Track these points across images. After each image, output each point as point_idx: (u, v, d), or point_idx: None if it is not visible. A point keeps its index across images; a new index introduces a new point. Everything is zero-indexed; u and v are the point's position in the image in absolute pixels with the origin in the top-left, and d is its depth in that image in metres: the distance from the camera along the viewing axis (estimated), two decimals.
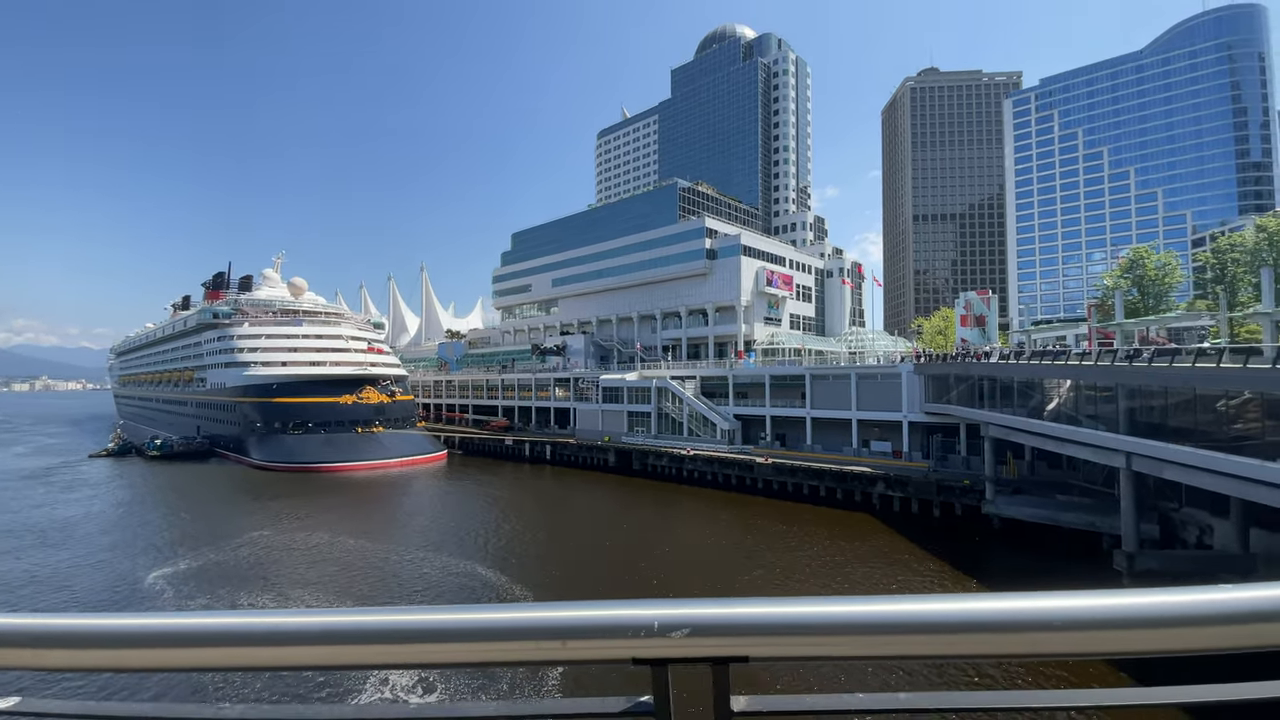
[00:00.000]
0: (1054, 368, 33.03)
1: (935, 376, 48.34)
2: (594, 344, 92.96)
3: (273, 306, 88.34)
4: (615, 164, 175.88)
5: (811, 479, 48.59)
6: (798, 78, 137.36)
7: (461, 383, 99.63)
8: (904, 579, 29.34)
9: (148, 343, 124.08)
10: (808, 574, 30.43)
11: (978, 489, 40.13)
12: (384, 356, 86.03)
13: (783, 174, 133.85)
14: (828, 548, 34.63)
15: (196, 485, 59.70)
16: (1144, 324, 40.93)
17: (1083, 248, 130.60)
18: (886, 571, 30.52)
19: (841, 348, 78.04)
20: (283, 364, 76.45)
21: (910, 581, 28.99)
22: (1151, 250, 57.34)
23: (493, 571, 30.88)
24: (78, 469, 69.25)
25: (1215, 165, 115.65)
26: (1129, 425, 27.24)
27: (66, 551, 35.11)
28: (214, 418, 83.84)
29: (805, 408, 56.30)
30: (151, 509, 47.97)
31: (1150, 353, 27.64)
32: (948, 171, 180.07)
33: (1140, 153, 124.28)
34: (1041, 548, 33.63)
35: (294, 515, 44.63)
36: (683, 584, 29.24)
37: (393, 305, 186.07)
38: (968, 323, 57.01)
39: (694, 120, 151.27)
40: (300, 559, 33.71)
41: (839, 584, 29.08)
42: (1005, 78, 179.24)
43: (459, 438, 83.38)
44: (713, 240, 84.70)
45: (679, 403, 62.89)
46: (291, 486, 56.48)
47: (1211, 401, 23.80)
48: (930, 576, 29.67)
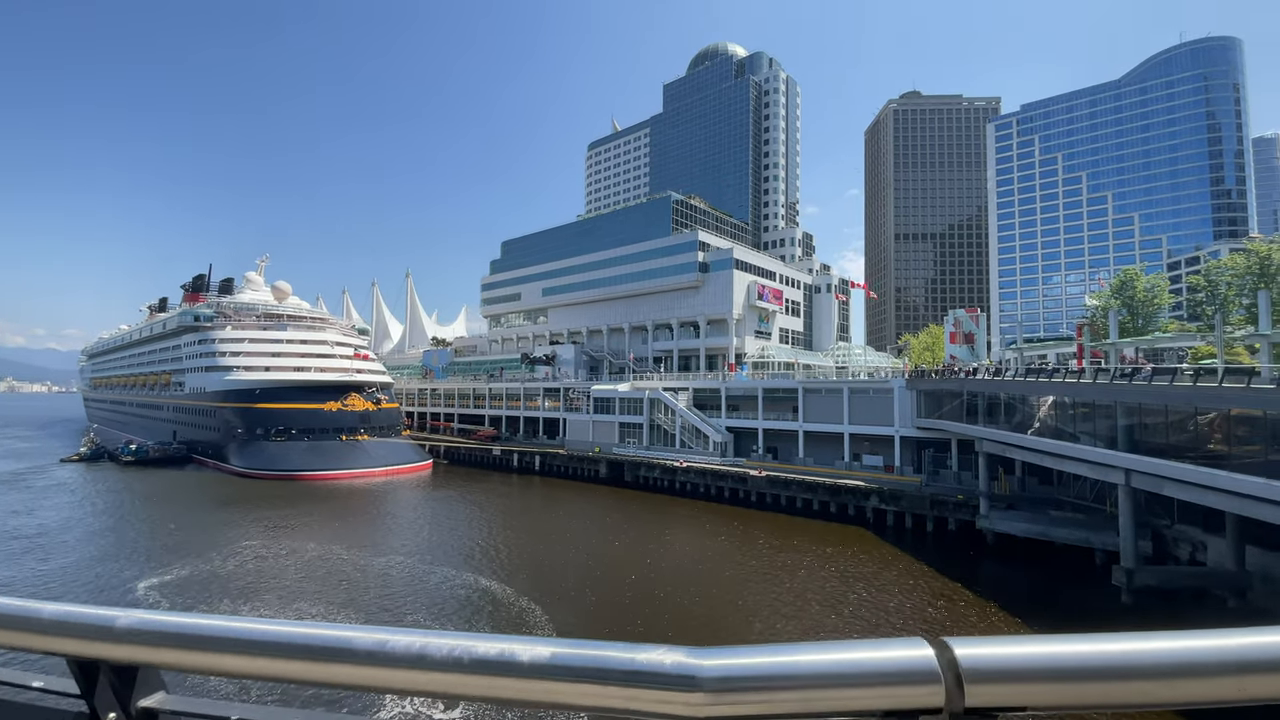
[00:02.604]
0: (1054, 385, 33.49)
1: (928, 392, 48.82)
2: (584, 354, 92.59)
3: (256, 310, 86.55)
4: (605, 176, 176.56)
5: (805, 492, 48.63)
6: (788, 96, 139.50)
7: (447, 391, 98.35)
8: (916, 599, 29.28)
9: (122, 345, 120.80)
10: (819, 595, 30.24)
11: (971, 504, 40.47)
12: (370, 363, 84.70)
13: (772, 190, 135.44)
14: (829, 564, 34.52)
15: (176, 492, 57.89)
16: (1139, 343, 41.92)
17: (1062, 269, 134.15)
18: (896, 591, 30.44)
19: (829, 362, 78.67)
20: (266, 369, 74.83)
21: (918, 601, 28.95)
22: (1141, 272, 58.96)
23: (499, 584, 30.28)
24: (50, 474, 66.78)
25: (1190, 191, 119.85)
26: (1128, 442, 27.67)
27: (54, 562, 33.77)
28: (192, 423, 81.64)
29: (798, 421, 56.45)
30: (133, 517, 46.34)
31: (1149, 372, 28.15)
32: (928, 192, 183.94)
33: (1118, 178, 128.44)
34: (1035, 563, 33.87)
35: (281, 524, 43.41)
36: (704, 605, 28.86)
37: (376, 311, 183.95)
38: (957, 340, 57.71)
39: (685, 135, 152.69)
40: (295, 571, 32.63)
41: (854, 606, 28.93)
42: (985, 102, 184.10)
43: (445, 447, 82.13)
44: (705, 254, 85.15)
45: (671, 414, 62.71)
46: (275, 494, 55.01)
47: (1211, 420, 24.28)
48: (934, 593, 29.64)
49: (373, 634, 1.52)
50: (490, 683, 1.39)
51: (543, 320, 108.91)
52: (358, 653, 1.49)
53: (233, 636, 1.60)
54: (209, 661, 1.61)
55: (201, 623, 1.66)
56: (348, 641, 1.51)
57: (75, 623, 1.75)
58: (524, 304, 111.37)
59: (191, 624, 1.66)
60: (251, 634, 1.59)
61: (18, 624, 1.83)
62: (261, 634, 1.58)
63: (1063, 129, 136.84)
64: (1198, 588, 27.71)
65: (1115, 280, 59.36)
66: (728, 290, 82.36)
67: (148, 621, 1.70)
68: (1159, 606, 26.63)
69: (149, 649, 1.69)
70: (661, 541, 40.78)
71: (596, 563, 35.54)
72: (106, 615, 1.74)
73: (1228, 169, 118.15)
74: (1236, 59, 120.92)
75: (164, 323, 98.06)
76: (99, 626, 1.72)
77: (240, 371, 74.44)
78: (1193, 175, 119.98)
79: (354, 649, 1.49)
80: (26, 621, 1.82)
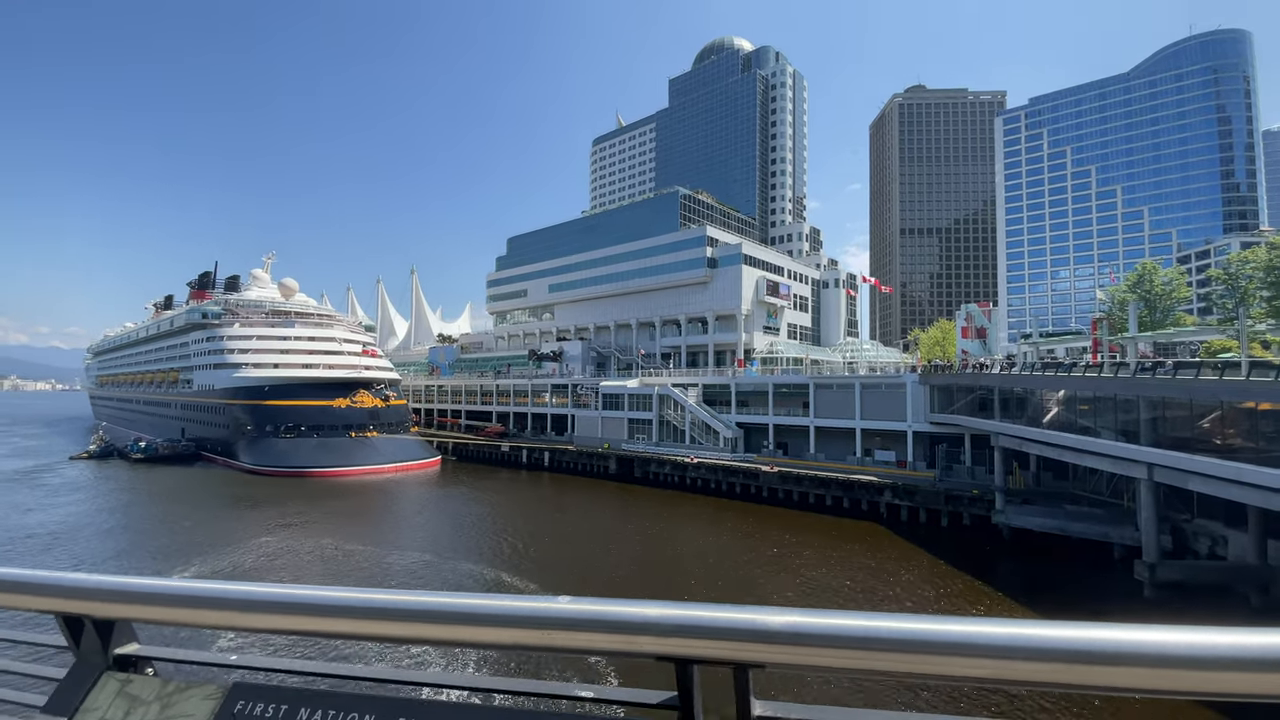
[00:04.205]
0: (1075, 379, 33.33)
1: (940, 387, 48.64)
2: (591, 351, 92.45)
3: (263, 307, 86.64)
4: (610, 172, 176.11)
5: (818, 488, 48.52)
6: (795, 90, 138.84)
7: (454, 388, 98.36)
8: (935, 593, 29.18)
9: (129, 342, 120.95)
10: (836, 586, 30.15)
11: (986, 499, 40.33)
12: (378, 360, 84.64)
13: (779, 185, 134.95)
14: (845, 558, 34.43)
15: (187, 490, 58.00)
16: (1158, 337, 41.69)
17: (1070, 264, 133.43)
18: (918, 585, 30.34)
19: (837, 357, 78.43)
20: (275, 366, 74.80)
21: (938, 594, 28.85)
22: (1158, 266, 58.60)
23: (524, 580, 30.33)
24: (60, 471, 66.95)
25: (1200, 185, 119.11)
26: (1150, 436, 27.48)
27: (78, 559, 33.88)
28: (201, 420, 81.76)
29: (809, 417, 56.30)
30: (148, 515, 46.46)
31: (1172, 366, 27.95)
32: (934, 186, 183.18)
33: (1127, 171, 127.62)
34: (1052, 558, 33.70)
35: (296, 521, 43.40)
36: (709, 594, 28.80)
37: (381, 308, 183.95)
38: (969, 334, 57.55)
39: (692, 130, 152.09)
40: (320, 567, 32.64)
41: (875, 600, 28.83)
42: (990, 96, 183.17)
43: (453, 443, 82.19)
44: (714, 249, 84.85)
45: (681, 410, 62.61)
46: (286, 491, 55.05)
47: (1235, 414, 24.08)
48: (953, 589, 29.53)
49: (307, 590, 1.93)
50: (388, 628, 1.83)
51: (548, 317, 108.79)
52: (292, 604, 1.91)
53: (190, 594, 2.01)
54: (170, 615, 2.03)
55: (164, 583, 2.08)
56: (283, 596, 1.93)
57: (63, 585, 2.17)
58: (530, 300, 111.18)
59: (159, 585, 2.08)
60: (201, 591, 2.00)
61: (15, 588, 2.21)
62: (208, 591, 2.00)
63: (1071, 122, 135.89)
64: (1220, 583, 27.56)
65: (1132, 274, 59.03)
66: (736, 286, 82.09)
67: (121, 584, 2.12)
68: (1181, 601, 26.47)
69: (123, 605, 2.12)
70: (675, 536, 40.77)
71: (618, 560, 35.51)
72: (88, 580, 2.15)
73: (1238, 162, 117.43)
74: (1246, 52, 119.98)
75: (171, 320, 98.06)
76: (83, 589, 2.14)
77: (249, 368, 74.45)
78: (1203, 168, 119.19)
79: (289, 601, 1.91)
80: (22, 586, 2.21)
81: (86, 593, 2.14)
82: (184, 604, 2.01)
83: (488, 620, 1.73)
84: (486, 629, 1.74)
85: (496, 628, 1.73)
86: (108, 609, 2.15)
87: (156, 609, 2.06)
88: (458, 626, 1.76)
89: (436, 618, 1.78)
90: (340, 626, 1.88)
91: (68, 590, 2.16)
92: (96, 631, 2.20)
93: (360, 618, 1.84)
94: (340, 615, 1.87)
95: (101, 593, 2.12)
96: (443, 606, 1.78)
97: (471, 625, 1.74)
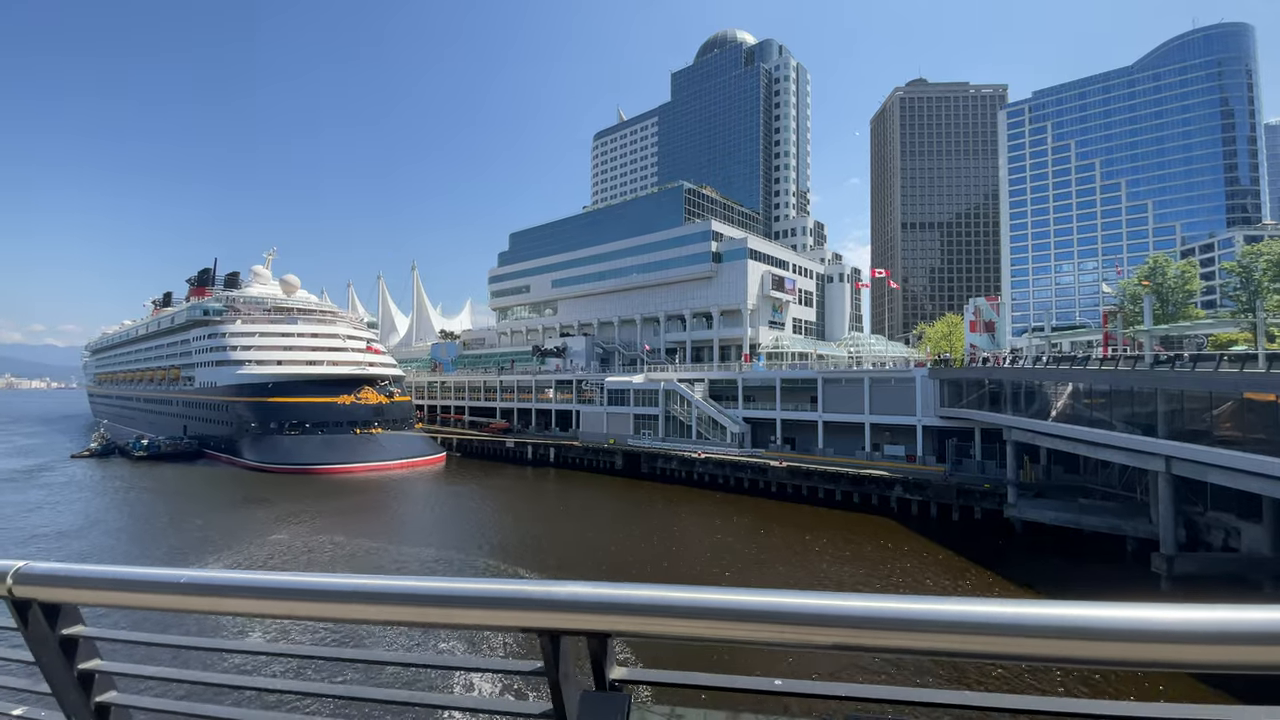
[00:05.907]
0: (1090, 373, 33.21)
1: (950, 380, 48.53)
2: (595, 346, 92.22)
3: (265, 304, 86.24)
4: (612, 166, 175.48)
5: (827, 482, 48.43)
6: (798, 84, 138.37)
7: (457, 384, 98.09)
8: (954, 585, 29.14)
9: (129, 340, 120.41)
10: (854, 579, 30.09)
11: (998, 492, 40.27)
12: (382, 356, 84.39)
13: (783, 179, 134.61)
14: (859, 552, 34.36)
15: (192, 487, 57.81)
16: (1173, 329, 41.65)
17: (1074, 257, 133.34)
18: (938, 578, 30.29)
19: (842, 352, 78.38)
20: (278, 363, 74.49)
21: (957, 587, 28.80)
22: (1170, 259, 58.52)
23: (535, 574, 30.18)
24: (63, 470, 66.68)
25: (1204, 179, 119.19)
26: (1167, 429, 27.42)
27: None
28: (203, 417, 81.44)
29: (817, 411, 56.17)
30: (155, 513, 46.29)
31: (1189, 358, 27.86)
32: (935, 180, 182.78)
33: (1131, 165, 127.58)
34: (1064, 551, 33.63)
35: (305, 518, 43.28)
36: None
37: (382, 304, 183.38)
38: (977, 328, 57.32)
39: (695, 124, 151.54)
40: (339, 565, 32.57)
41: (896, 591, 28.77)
42: (991, 90, 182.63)
43: (457, 440, 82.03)
44: (719, 243, 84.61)
45: (687, 405, 62.47)
46: (293, 489, 54.91)
47: (1254, 406, 23.98)
48: (968, 582, 29.50)
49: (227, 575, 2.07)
50: None
51: (551, 312, 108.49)
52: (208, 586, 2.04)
53: (125, 579, 2.10)
54: (109, 598, 2.13)
55: (101, 569, 2.15)
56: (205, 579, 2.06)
57: (10, 572, 2.20)
58: (533, 296, 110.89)
59: (98, 571, 2.15)
60: (133, 576, 2.10)
61: None
62: (138, 576, 2.10)
63: (1075, 116, 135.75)
64: (1235, 574, 27.53)
65: (1144, 267, 58.89)
66: (741, 280, 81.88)
67: (63, 569, 2.19)
68: (1198, 593, 26.45)
69: (66, 590, 2.19)
70: (684, 531, 40.68)
71: (632, 555, 35.40)
72: (32, 566, 2.21)
73: (1241, 156, 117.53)
74: (1249, 45, 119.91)
75: (172, 317, 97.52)
76: (30, 574, 2.19)
77: (252, 365, 74.13)
78: (1206, 162, 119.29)
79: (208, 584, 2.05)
80: None
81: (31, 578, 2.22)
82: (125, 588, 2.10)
83: (366, 598, 1.81)
84: (364, 605, 1.81)
85: (376, 604, 1.80)
86: (51, 594, 2.22)
87: (100, 593, 2.15)
88: (336, 604, 1.85)
89: (317, 596, 1.87)
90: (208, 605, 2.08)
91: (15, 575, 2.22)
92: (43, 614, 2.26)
93: (217, 595, 2.01)
94: (200, 594, 2.02)
95: (45, 578, 2.20)
96: (322, 586, 1.87)
97: (353, 603, 1.82)
